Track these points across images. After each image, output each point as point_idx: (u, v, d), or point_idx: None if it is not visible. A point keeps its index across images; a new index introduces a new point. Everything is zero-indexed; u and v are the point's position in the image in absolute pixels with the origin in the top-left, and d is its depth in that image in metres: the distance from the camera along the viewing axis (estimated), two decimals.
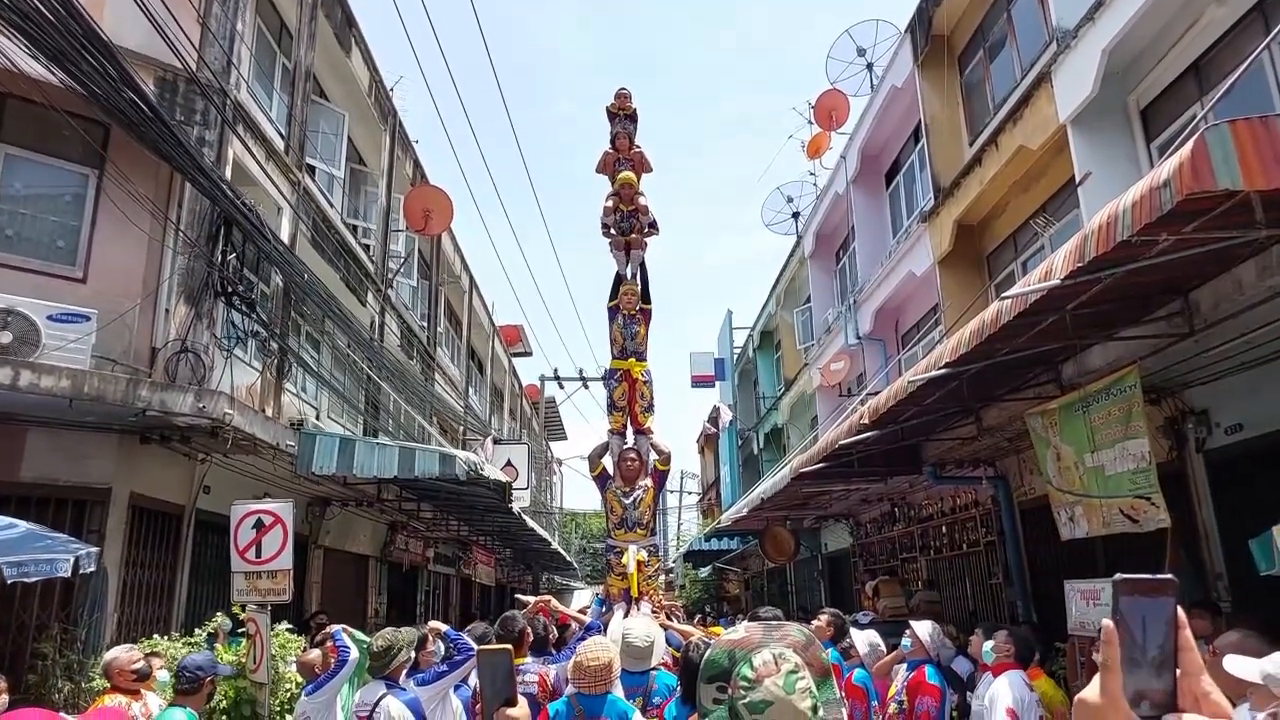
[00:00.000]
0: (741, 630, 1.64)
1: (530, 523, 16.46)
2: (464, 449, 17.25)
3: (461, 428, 18.53)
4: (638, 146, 7.16)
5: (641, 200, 6.93)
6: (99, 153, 7.11)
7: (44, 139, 7.00)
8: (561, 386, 30.16)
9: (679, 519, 49.15)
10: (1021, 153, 8.83)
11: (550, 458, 37.73)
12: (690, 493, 44.53)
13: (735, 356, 28.88)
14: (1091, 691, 0.87)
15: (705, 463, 37.16)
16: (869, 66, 16.09)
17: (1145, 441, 5.17)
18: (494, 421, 25.04)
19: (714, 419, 30.95)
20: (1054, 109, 8.00)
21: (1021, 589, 8.46)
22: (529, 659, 4.30)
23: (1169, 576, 0.86)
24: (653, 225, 6.99)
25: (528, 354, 32.00)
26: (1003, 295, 4.54)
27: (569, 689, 3.70)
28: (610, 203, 6.94)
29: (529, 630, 4.69)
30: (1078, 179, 7.62)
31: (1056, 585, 6.34)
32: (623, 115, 7.15)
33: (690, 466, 45.90)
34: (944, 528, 10.87)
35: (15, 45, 4.91)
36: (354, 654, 4.43)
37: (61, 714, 4.11)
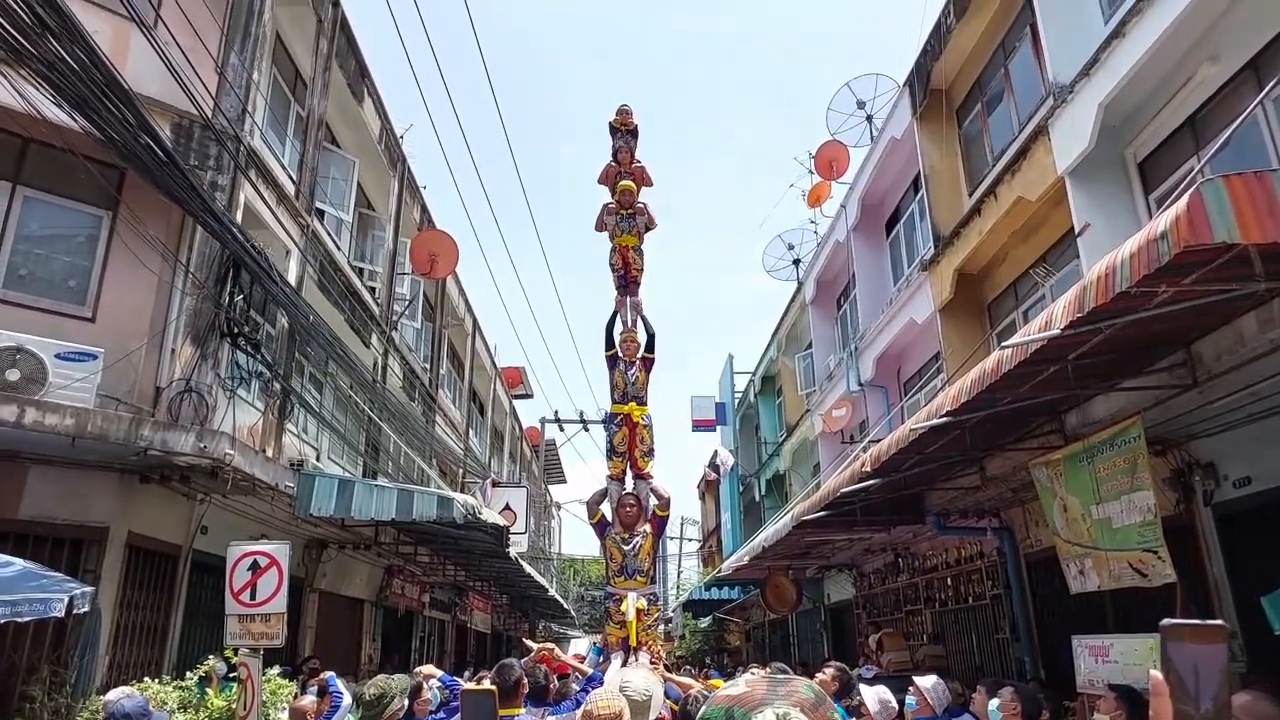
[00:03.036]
0: (742, 685, 1.47)
1: (528, 568, 16.26)
2: (463, 491, 17.15)
3: (461, 470, 18.43)
4: (639, 161, 7.36)
5: (640, 205, 7.15)
6: (114, 195, 7.23)
7: (61, 181, 7.13)
8: (562, 429, 30.08)
9: (679, 566, 48.52)
10: (1020, 204, 8.95)
11: (549, 501, 37.41)
12: (691, 539, 44.06)
13: (737, 401, 28.83)
14: None
15: (706, 509, 36.80)
16: (869, 118, 16.42)
17: (1150, 494, 5.13)
18: (494, 464, 24.91)
19: (715, 464, 30.78)
20: (1051, 161, 8.13)
21: (1029, 644, 8.31)
22: (523, 710, 4.21)
23: (1220, 623, 0.83)
24: (650, 223, 7.22)
25: (529, 396, 31.96)
26: (1003, 345, 4.56)
27: None
28: (610, 205, 7.20)
29: (524, 680, 4.60)
30: (1077, 230, 7.71)
31: (1065, 640, 6.22)
32: (624, 130, 7.36)
33: (691, 513, 45.52)
34: (949, 579, 10.71)
35: (40, 92, 5.04)
36: (347, 700, 4.36)
37: None
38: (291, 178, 9.78)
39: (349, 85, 11.58)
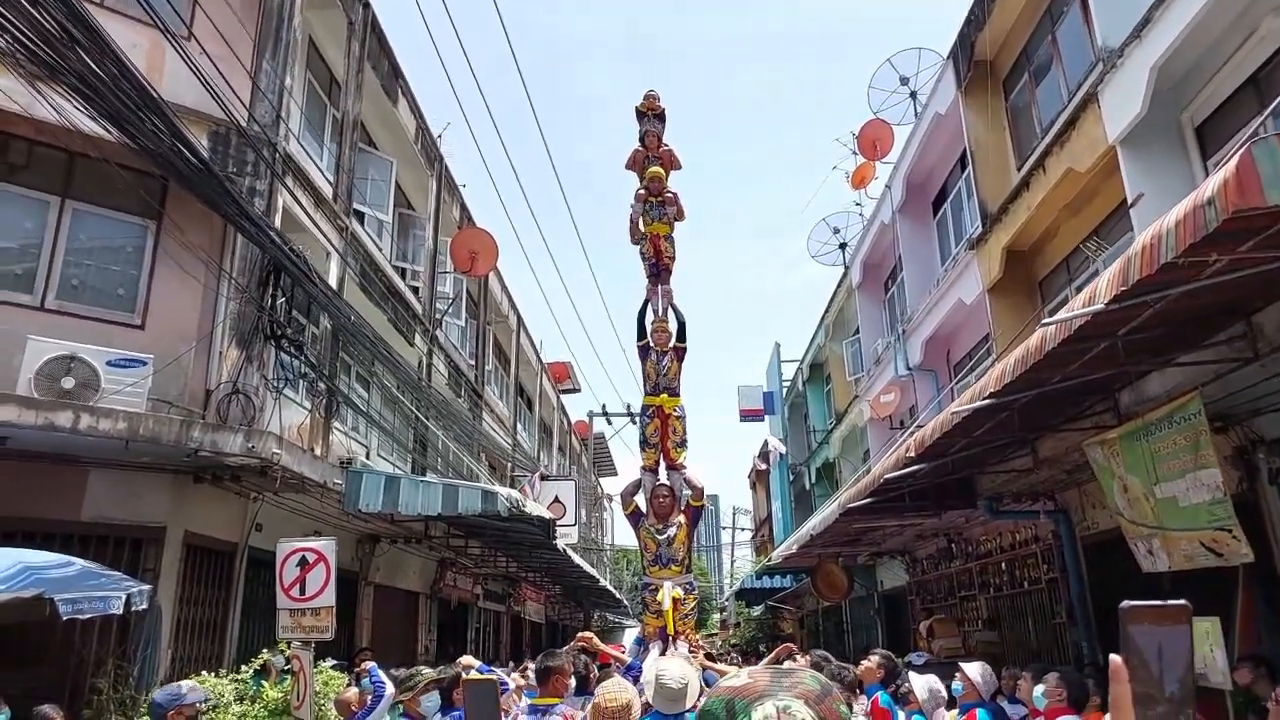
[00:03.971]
0: (745, 676, 1.40)
1: (577, 559, 16.38)
2: (512, 486, 17.35)
3: (510, 465, 18.63)
4: (666, 145, 7.27)
5: (669, 194, 7.04)
6: (157, 206, 7.46)
7: (107, 194, 7.39)
8: (609, 422, 30.28)
9: (732, 556, 48.43)
10: (1070, 176, 8.61)
11: (600, 494, 37.65)
12: (743, 529, 43.91)
13: (785, 390, 28.53)
14: None
15: (757, 499, 36.61)
16: (912, 95, 15.96)
17: (1217, 471, 4.89)
18: (543, 458, 25.14)
19: (764, 454, 30.55)
20: (1102, 130, 7.79)
21: (1086, 629, 8.04)
22: (562, 701, 4.22)
23: (1183, 602, 0.79)
24: (679, 214, 7.13)
25: (576, 390, 32.16)
26: (1045, 322, 4.39)
27: None
28: (640, 193, 7.13)
29: (566, 669, 4.61)
30: (1130, 201, 7.38)
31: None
32: (651, 114, 7.27)
33: (743, 502, 45.35)
34: (1003, 564, 10.44)
35: (76, 106, 5.21)
36: (389, 689, 4.43)
37: None
38: (329, 180, 9.96)
39: (383, 86, 11.73)
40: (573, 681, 4.80)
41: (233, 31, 7.56)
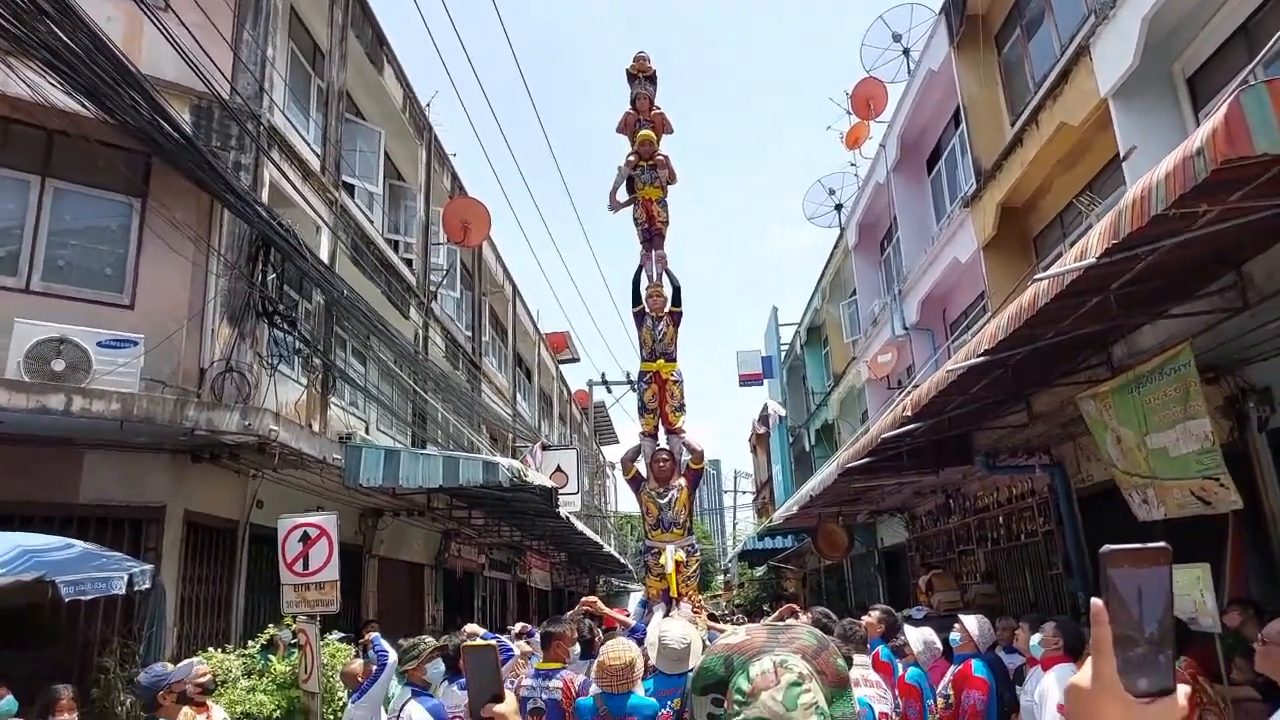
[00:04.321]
0: (742, 633, 1.42)
1: (581, 526, 16.52)
2: (514, 456, 17.44)
3: (511, 435, 18.71)
4: (658, 108, 7.17)
5: (660, 156, 6.97)
6: (140, 183, 7.37)
7: (89, 172, 7.27)
8: (609, 391, 30.30)
9: (734, 518, 48.90)
10: (1063, 130, 8.52)
11: (602, 462, 37.86)
12: (744, 492, 44.26)
13: (783, 353, 28.56)
14: (1083, 676, 0.81)
15: (758, 462, 36.85)
16: (905, 52, 15.73)
17: (1207, 421, 4.92)
18: (543, 428, 25.23)
19: (764, 417, 30.68)
20: (1094, 83, 7.69)
21: (1082, 578, 8.16)
22: (565, 666, 4.28)
23: (1163, 545, 0.80)
24: (671, 176, 7.06)
25: (575, 360, 32.16)
26: (1037, 277, 4.37)
27: (593, 688, 3.69)
28: (631, 159, 7.05)
29: (568, 635, 4.68)
30: (1122, 155, 7.31)
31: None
32: (642, 77, 7.17)
33: (743, 465, 45.64)
34: (1001, 518, 10.55)
35: (51, 82, 5.11)
36: (392, 657, 4.49)
37: None
38: (315, 153, 9.84)
39: (368, 54, 11.53)
40: (577, 647, 4.87)
41: (211, 1, 7.40)
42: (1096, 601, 0.79)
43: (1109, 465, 6.17)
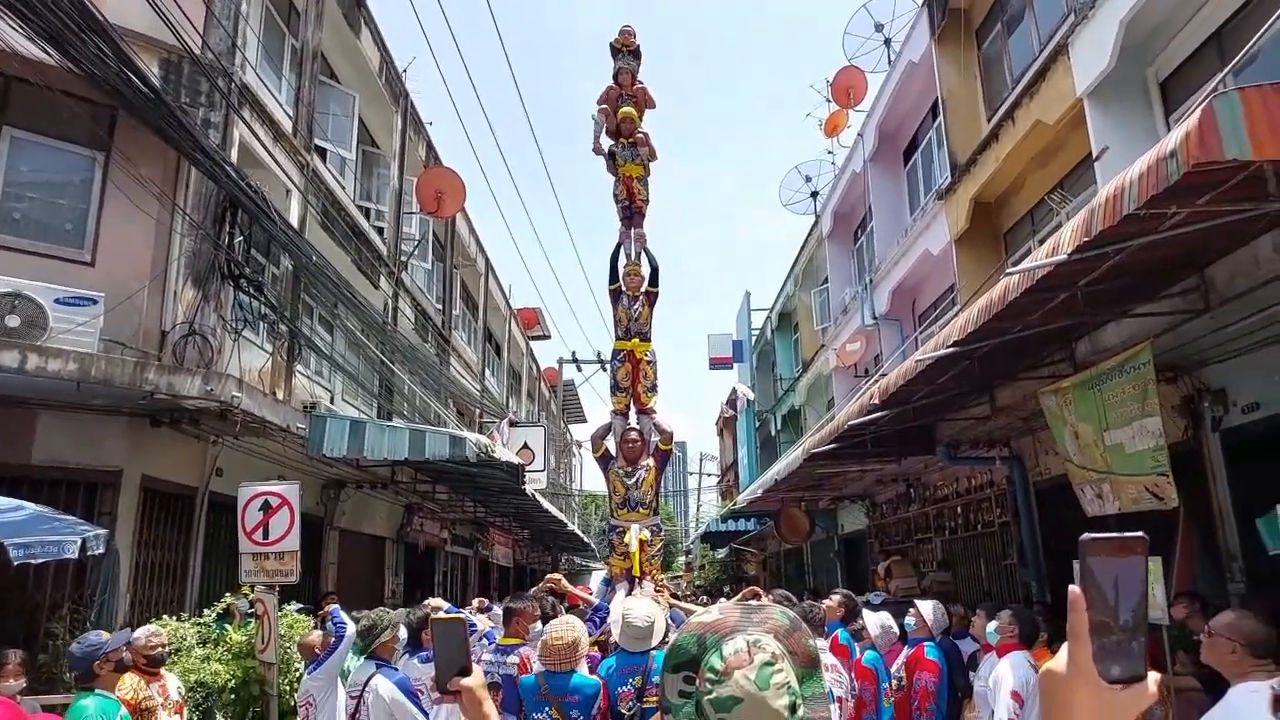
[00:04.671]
0: (715, 612, 1.41)
1: (545, 504, 16.53)
2: (481, 432, 17.35)
3: (478, 410, 18.60)
4: (640, 82, 7.13)
5: (640, 134, 6.94)
6: (105, 136, 7.13)
7: (50, 122, 7.00)
8: (580, 369, 30.22)
9: (698, 501, 49.28)
10: (1038, 127, 8.62)
11: (570, 440, 37.84)
12: (709, 475, 44.60)
13: (754, 338, 28.71)
14: (1058, 662, 0.83)
15: (724, 445, 37.12)
16: (886, 42, 15.75)
17: (1159, 420, 5.05)
18: (512, 404, 25.12)
19: (732, 401, 30.88)
20: (1071, 82, 7.78)
21: (1036, 569, 8.37)
22: (525, 643, 4.29)
23: (1140, 534, 0.81)
24: (651, 154, 7.04)
25: (546, 337, 32.01)
26: (1008, 271, 4.43)
27: (536, 666, 3.70)
28: (603, 109, 7.04)
29: (529, 611, 4.69)
30: (1095, 154, 7.42)
31: (1070, 566, 6.23)
32: (626, 51, 7.11)
33: (710, 449, 45.98)
34: (959, 508, 10.77)
35: (9, 24, 4.89)
36: (350, 630, 4.46)
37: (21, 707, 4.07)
38: (288, 114, 9.59)
39: (345, 16, 11.25)
40: (538, 624, 4.88)
41: None
42: (1074, 589, 0.81)
43: (1065, 459, 6.31)
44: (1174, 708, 4.40)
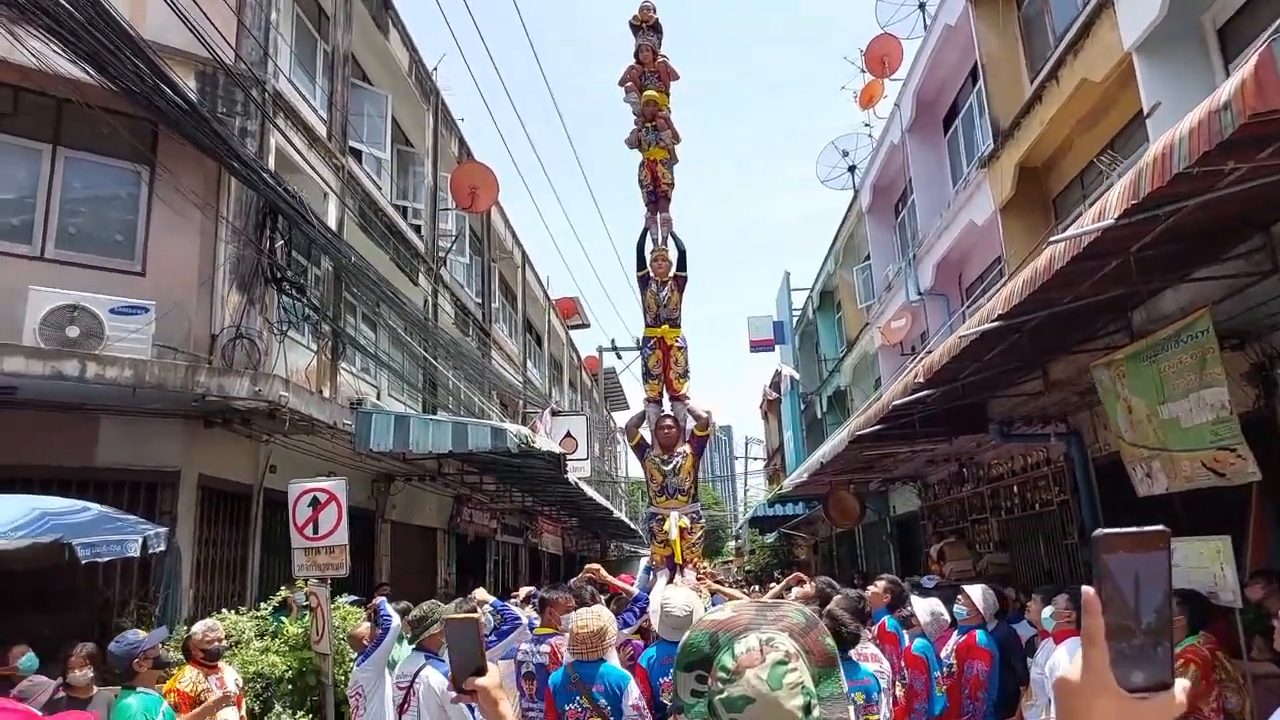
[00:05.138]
0: (729, 609, 1.40)
1: (590, 492, 16.61)
2: (524, 422, 17.50)
3: (521, 401, 18.76)
4: (663, 56, 7.01)
5: (662, 116, 6.87)
6: (148, 150, 7.32)
7: (98, 141, 7.23)
8: (619, 357, 30.28)
9: (745, 485, 49.11)
10: (1084, 86, 8.28)
11: (613, 428, 38.01)
12: (755, 458, 44.39)
13: (795, 319, 28.35)
14: (1073, 670, 0.76)
15: (769, 428, 36.84)
16: (921, 6, 15.34)
17: (1224, 390, 4.80)
18: (554, 394, 25.30)
19: (775, 383, 30.60)
20: (1118, 36, 7.44)
21: None
22: (557, 632, 4.29)
23: (1162, 528, 0.74)
24: (676, 136, 6.97)
25: (585, 326, 32.13)
26: (1052, 239, 4.25)
27: (566, 656, 3.69)
28: (635, 99, 7.01)
29: (562, 602, 4.69)
30: (1146, 111, 7.09)
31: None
32: (646, 27, 6.99)
33: (755, 432, 45.73)
34: (1015, 487, 10.47)
35: (54, 50, 5.05)
36: (396, 621, 4.52)
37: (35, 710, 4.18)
38: (322, 118, 9.73)
39: (373, 17, 11.36)
40: (573, 614, 4.88)
41: None
42: (1088, 590, 0.74)
43: (1117, 436, 6.07)
44: (1251, 696, 4.18)
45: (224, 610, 6.27)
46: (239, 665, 5.43)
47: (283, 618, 6.52)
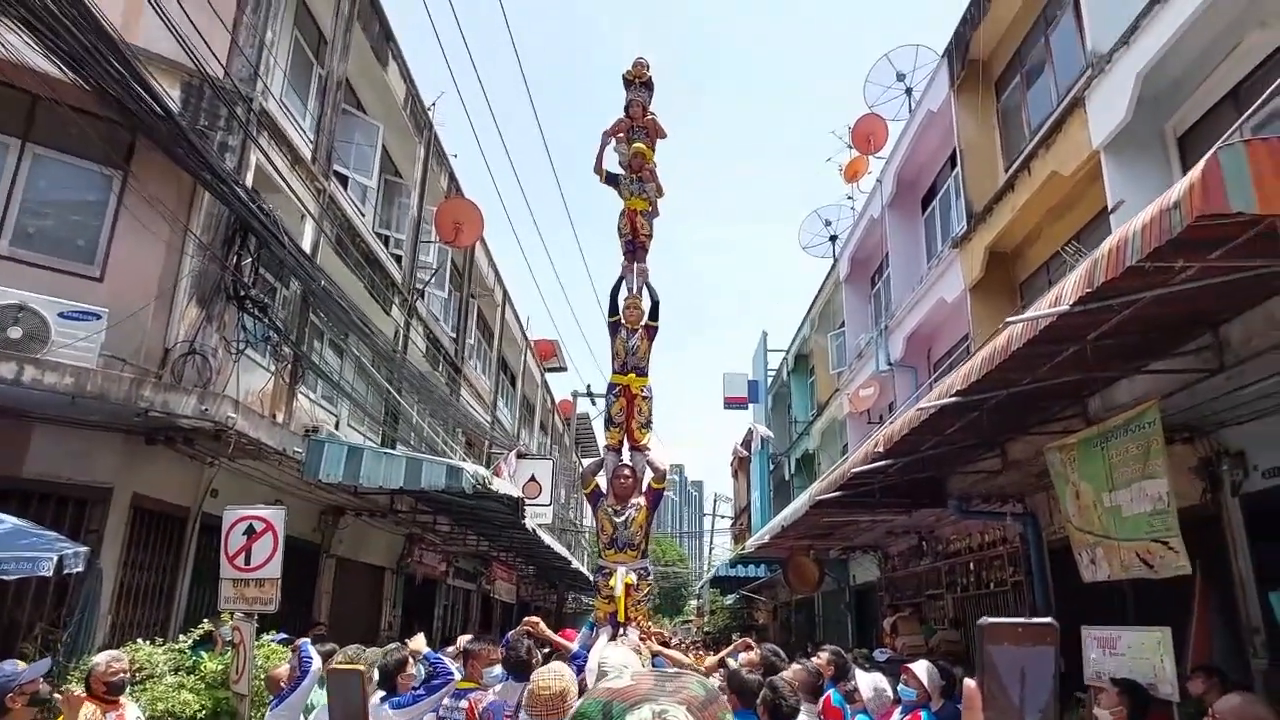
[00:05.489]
0: (628, 678, 1.36)
1: (549, 540, 16.29)
2: (489, 463, 17.22)
3: (487, 441, 18.50)
4: (652, 114, 7.14)
5: (648, 169, 6.97)
6: (122, 156, 7.23)
7: (72, 141, 7.12)
8: (594, 403, 30.11)
9: (710, 544, 48.55)
10: (1054, 179, 8.53)
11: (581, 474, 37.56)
12: (724, 516, 43.99)
13: (769, 379, 28.49)
14: None
15: (739, 486, 36.63)
16: (908, 91, 15.82)
17: (1164, 482, 4.84)
18: (523, 435, 25.01)
19: (746, 442, 30.53)
20: (1087, 135, 7.71)
21: None
22: (478, 686, 4.11)
23: (1049, 621, 0.68)
24: (659, 190, 7.06)
25: (562, 369, 32.01)
26: (1009, 320, 4.29)
27: (523, 716, 3.50)
28: (617, 145, 7.12)
29: (483, 654, 4.50)
30: (1110, 207, 7.29)
31: (1080, 631, 5.97)
32: (638, 83, 7.13)
33: (725, 489, 45.45)
34: (971, 564, 10.43)
35: (28, 43, 4.98)
36: (316, 664, 4.30)
37: None
38: (308, 141, 9.72)
39: (373, 48, 11.47)
40: (496, 668, 4.68)
41: None
42: (970, 683, 0.68)
43: (1065, 521, 6.08)
44: None
45: (138, 640, 5.94)
46: (147, 702, 5.13)
47: (203, 652, 6.21)
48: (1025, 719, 0.68)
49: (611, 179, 7.10)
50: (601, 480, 6.15)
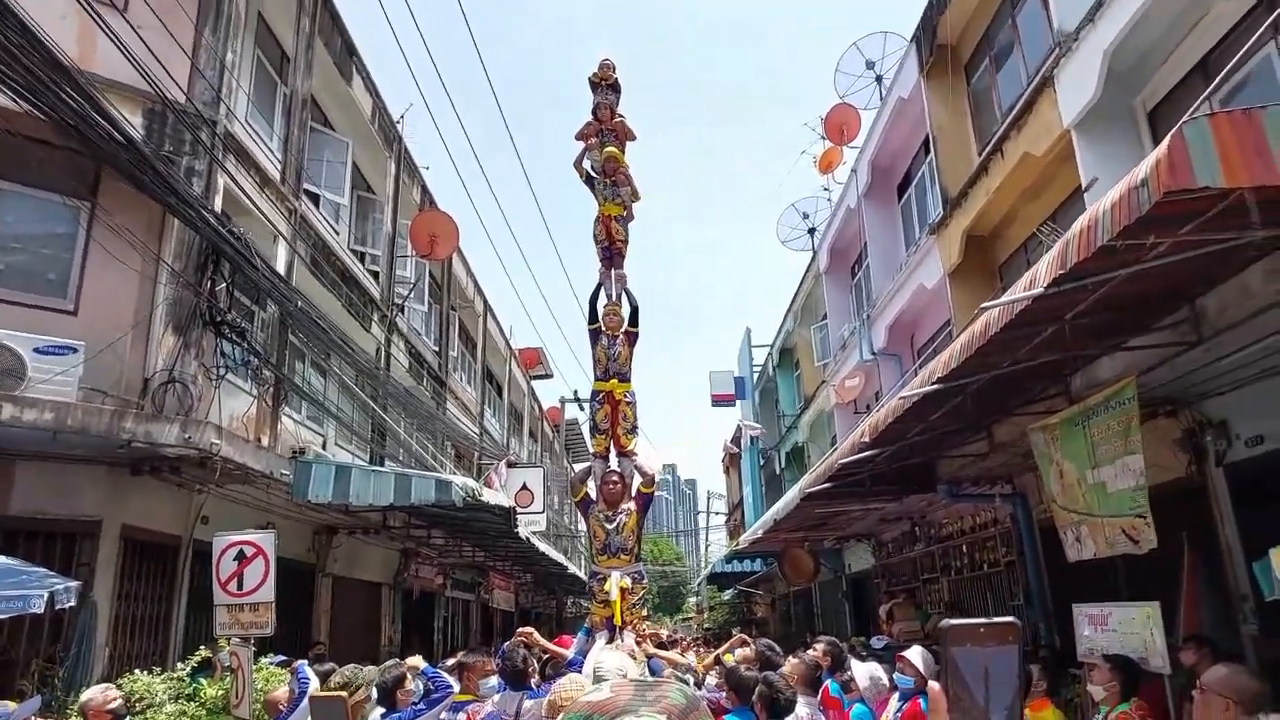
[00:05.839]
0: (607, 690, 1.36)
1: (544, 547, 16.25)
2: (479, 474, 17.16)
3: (477, 453, 18.43)
4: (620, 116, 7.11)
5: (622, 173, 6.94)
6: (89, 187, 7.15)
7: (36, 174, 7.02)
8: (582, 408, 30.05)
9: (706, 541, 48.64)
10: (1027, 160, 8.59)
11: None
12: (717, 513, 44.08)
13: (756, 375, 28.56)
14: None
15: (730, 483, 36.72)
16: (878, 79, 15.90)
17: (1141, 457, 4.88)
18: (513, 444, 24.95)
19: (736, 439, 30.59)
20: (1058, 114, 7.76)
21: (1043, 611, 8.11)
22: (476, 698, 4.10)
23: (1010, 620, 0.68)
24: (634, 194, 7.02)
25: (549, 376, 31.91)
26: (985, 305, 4.32)
27: None
28: (587, 129, 7.09)
29: (478, 666, 4.49)
30: (1084, 186, 7.36)
31: (1072, 609, 6.02)
32: (605, 85, 7.09)
33: (717, 487, 45.54)
34: (964, 547, 10.51)
35: None
36: (314, 685, 4.27)
37: None
38: (275, 161, 9.64)
39: (336, 64, 11.39)
40: (492, 679, 4.67)
41: (168, 4, 7.24)
42: (935, 686, 0.68)
43: (1049, 500, 6.13)
44: None
45: (136, 671, 5.89)
46: None
47: (202, 679, 6.16)
48: (990, 716, 0.68)
49: (589, 180, 7.09)
50: (591, 487, 6.15)
